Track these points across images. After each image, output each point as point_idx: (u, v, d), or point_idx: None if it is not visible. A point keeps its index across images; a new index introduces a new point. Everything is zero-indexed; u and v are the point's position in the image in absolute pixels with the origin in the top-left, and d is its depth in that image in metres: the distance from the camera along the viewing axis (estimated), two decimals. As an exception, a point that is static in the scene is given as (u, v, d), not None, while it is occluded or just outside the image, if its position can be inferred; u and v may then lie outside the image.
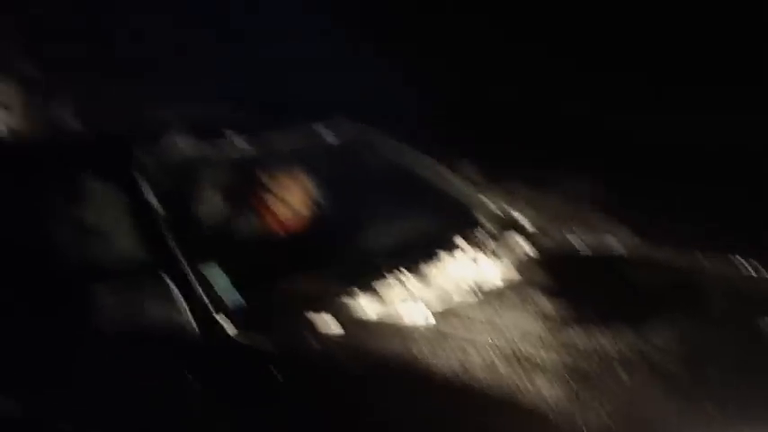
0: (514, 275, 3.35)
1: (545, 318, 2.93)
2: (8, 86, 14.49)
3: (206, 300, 2.90)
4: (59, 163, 3.66)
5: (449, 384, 2.52)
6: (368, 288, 3.13)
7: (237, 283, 3.05)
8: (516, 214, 4.04)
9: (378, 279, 3.20)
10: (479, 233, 3.73)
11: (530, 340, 2.76)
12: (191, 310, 2.88)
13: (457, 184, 4.10)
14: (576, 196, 7.79)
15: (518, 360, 2.63)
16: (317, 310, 2.95)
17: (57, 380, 3.22)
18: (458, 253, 3.49)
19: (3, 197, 3.71)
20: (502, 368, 2.58)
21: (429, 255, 3.42)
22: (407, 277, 3.23)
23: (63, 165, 3.64)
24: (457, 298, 3.11)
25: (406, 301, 3.06)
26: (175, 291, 2.90)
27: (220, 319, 2.86)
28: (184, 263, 2.97)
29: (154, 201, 3.16)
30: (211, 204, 3.84)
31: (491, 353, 2.67)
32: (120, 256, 3.25)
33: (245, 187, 3.79)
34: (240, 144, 3.62)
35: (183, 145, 3.51)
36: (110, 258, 3.28)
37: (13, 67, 13.88)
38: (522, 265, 3.44)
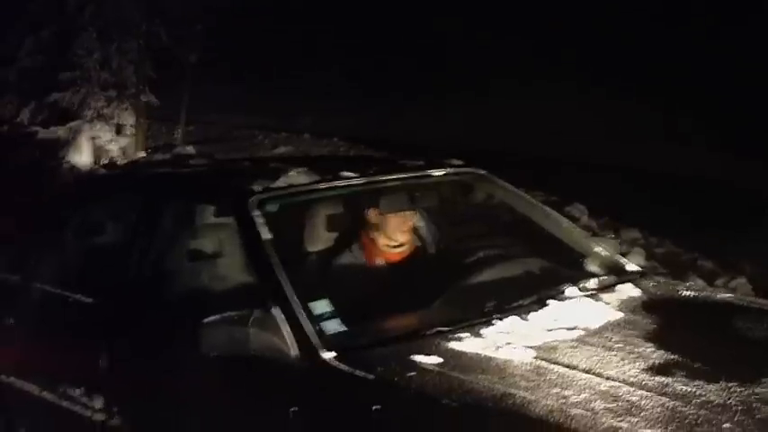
0: (618, 318, 3.32)
1: (646, 360, 2.89)
2: (126, 111, 15.16)
3: (310, 328, 2.98)
4: (177, 192, 3.83)
5: (544, 420, 2.51)
6: (469, 325, 3.16)
7: (342, 313, 3.13)
8: (624, 259, 4.01)
9: (480, 317, 3.23)
10: (586, 277, 3.71)
11: (629, 381, 2.73)
12: (294, 339, 2.96)
13: (567, 227, 4.09)
14: (691, 245, 7.65)
15: (615, 400, 2.61)
16: (417, 342, 3.00)
17: (163, 401, 3.37)
18: (563, 296, 3.49)
19: (120, 220, 3.90)
20: (599, 407, 2.56)
21: (533, 297, 3.43)
22: (511, 319, 3.25)
23: (181, 194, 3.80)
24: (558, 338, 3.10)
25: (506, 340, 3.07)
26: (283, 322, 2.99)
27: (320, 344, 2.94)
28: (293, 295, 3.06)
29: (267, 234, 3.26)
30: (322, 238, 3.95)
31: (589, 391, 2.66)
32: (232, 287, 3.38)
33: (355, 222, 3.89)
34: (352, 180, 3.71)
35: (298, 182, 3.60)
36: (221, 288, 3.41)
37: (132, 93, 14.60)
38: (627, 309, 3.41)
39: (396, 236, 3.85)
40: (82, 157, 14.78)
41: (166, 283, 3.63)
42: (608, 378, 2.75)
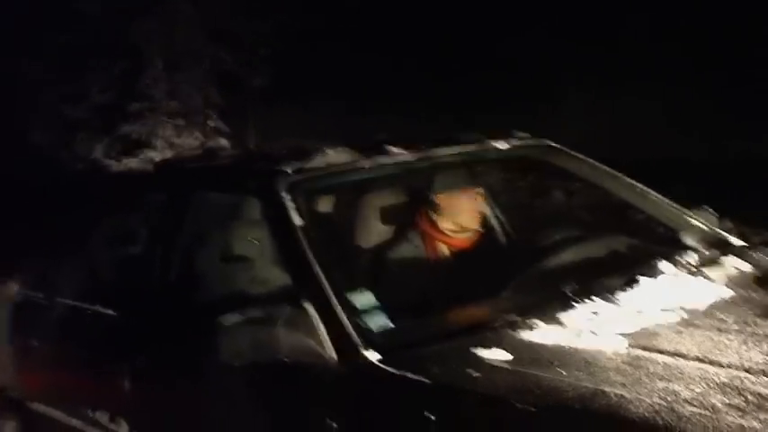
0: (730, 295, 2.73)
1: (772, 341, 2.29)
2: (195, 139, 15.12)
3: (348, 325, 2.45)
4: (200, 184, 3.36)
5: (650, 423, 1.95)
6: (547, 314, 2.60)
7: (392, 310, 2.60)
8: (726, 234, 3.40)
9: (560, 304, 2.66)
10: (685, 253, 3.10)
11: (754, 369, 2.15)
12: (331, 339, 2.44)
13: (655, 199, 3.48)
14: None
15: (740, 393, 2.03)
16: (482, 335, 2.45)
17: (184, 409, 2.91)
18: (659, 275, 2.90)
19: (144, 222, 3.48)
20: (719, 403, 1.99)
21: (624, 278, 2.85)
22: (597, 302, 2.68)
23: (203, 186, 3.34)
24: (657, 321, 2.52)
25: (592, 327, 2.50)
26: (316, 319, 2.48)
27: (362, 343, 2.41)
28: (329, 289, 2.55)
29: (299, 220, 2.75)
30: (375, 230, 3.44)
31: (704, 384, 2.09)
32: (261, 282, 2.87)
33: (406, 204, 3.36)
34: (402, 157, 3.18)
35: (337, 161, 3.09)
36: (249, 284, 2.91)
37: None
38: (739, 285, 2.82)
39: (462, 219, 3.30)
40: (154, 186, 14.70)
41: (189, 287, 3.14)
42: (727, 366, 2.19)
